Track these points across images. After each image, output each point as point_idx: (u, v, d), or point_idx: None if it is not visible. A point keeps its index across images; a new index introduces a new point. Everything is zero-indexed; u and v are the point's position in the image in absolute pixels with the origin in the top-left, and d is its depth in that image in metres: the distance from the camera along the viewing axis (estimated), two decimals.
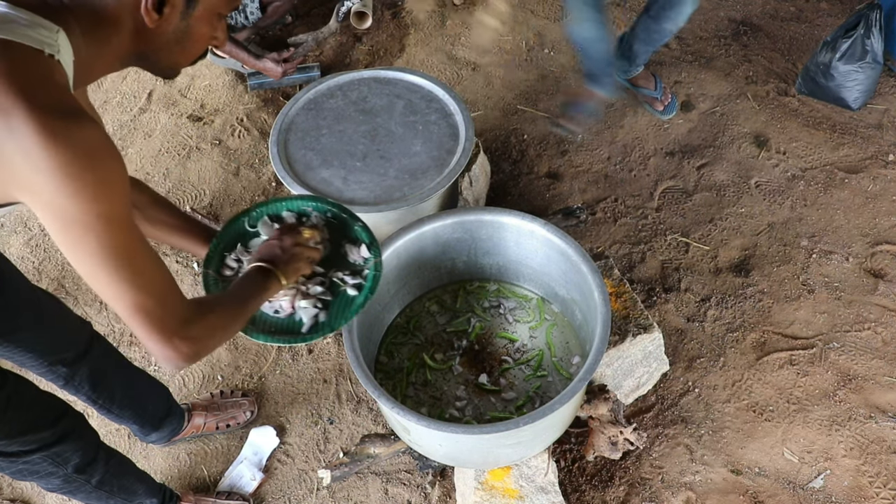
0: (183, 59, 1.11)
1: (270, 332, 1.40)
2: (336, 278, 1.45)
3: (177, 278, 2.46)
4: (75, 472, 1.57)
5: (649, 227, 2.53)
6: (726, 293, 2.35)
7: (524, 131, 2.82)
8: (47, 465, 1.51)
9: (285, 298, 1.41)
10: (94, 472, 1.62)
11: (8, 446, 1.43)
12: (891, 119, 2.76)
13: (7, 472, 1.51)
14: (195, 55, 1.12)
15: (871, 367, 2.17)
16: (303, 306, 1.42)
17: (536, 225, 1.71)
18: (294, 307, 1.42)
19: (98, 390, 1.76)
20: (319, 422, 2.16)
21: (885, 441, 2.04)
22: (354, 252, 1.49)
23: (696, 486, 1.99)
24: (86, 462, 1.59)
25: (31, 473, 1.52)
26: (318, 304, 1.43)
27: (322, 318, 1.43)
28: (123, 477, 1.74)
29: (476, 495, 1.75)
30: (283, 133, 2.10)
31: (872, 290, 2.33)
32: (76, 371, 1.69)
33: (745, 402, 2.13)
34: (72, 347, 1.67)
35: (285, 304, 1.41)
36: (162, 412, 1.97)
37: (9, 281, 1.47)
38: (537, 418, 1.42)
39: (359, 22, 3.10)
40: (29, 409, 1.45)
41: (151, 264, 1.04)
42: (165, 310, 1.05)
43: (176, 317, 1.06)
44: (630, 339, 1.85)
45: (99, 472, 1.63)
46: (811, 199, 2.56)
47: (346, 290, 1.45)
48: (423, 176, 2.00)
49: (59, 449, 1.51)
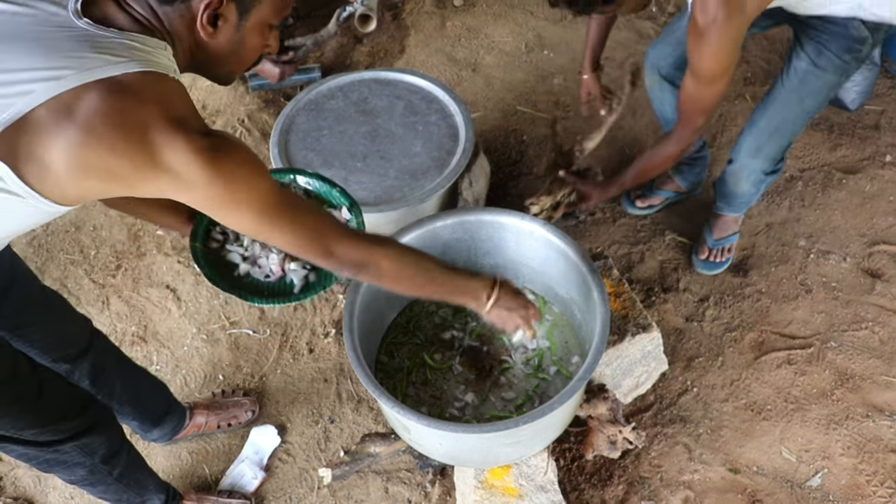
0: (237, 68, 1.19)
1: (264, 296, 1.46)
2: None
3: (177, 278, 2.47)
4: (101, 463, 1.61)
5: (648, 227, 2.54)
6: (724, 293, 2.37)
7: (524, 132, 2.83)
8: (77, 454, 1.54)
9: (275, 262, 1.48)
10: (117, 464, 1.65)
11: (40, 435, 1.46)
12: (888, 120, 2.78)
13: (34, 463, 1.53)
14: (249, 63, 1.19)
15: (869, 366, 2.18)
16: (292, 269, 1.49)
17: (536, 225, 1.72)
18: (284, 270, 1.48)
19: (98, 385, 1.78)
20: (320, 421, 2.18)
21: (882, 440, 2.05)
22: (336, 215, 1.54)
23: (694, 485, 2.00)
24: (111, 453, 1.62)
25: (58, 464, 1.54)
26: (306, 266, 1.50)
27: (312, 279, 1.49)
28: (139, 471, 1.77)
29: (476, 494, 1.76)
30: (283, 134, 2.12)
31: (870, 289, 2.34)
32: (77, 366, 1.71)
33: (744, 402, 2.14)
34: (74, 344, 1.70)
35: (275, 267, 1.48)
36: (162, 409, 1.99)
37: (20, 278, 1.51)
38: (537, 418, 1.43)
39: (363, 25, 3.11)
40: (60, 398, 1.48)
41: (310, 209, 1.21)
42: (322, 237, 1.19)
43: (331, 236, 1.20)
44: (629, 339, 1.86)
45: (122, 464, 1.67)
46: (809, 200, 2.57)
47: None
48: (423, 176, 2.02)
49: (88, 439, 1.54)
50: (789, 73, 1.89)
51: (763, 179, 2.17)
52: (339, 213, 1.54)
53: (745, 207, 2.31)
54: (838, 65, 1.79)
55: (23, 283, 1.53)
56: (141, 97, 0.97)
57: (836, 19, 1.72)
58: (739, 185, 2.20)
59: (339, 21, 2.99)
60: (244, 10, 1.08)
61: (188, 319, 2.39)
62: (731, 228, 2.36)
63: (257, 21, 1.11)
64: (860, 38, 1.74)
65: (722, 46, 1.57)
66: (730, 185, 2.22)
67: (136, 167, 0.98)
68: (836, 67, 1.80)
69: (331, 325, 2.34)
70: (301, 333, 2.35)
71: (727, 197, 2.27)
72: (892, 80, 2.89)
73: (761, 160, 2.09)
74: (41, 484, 2.09)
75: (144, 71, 0.98)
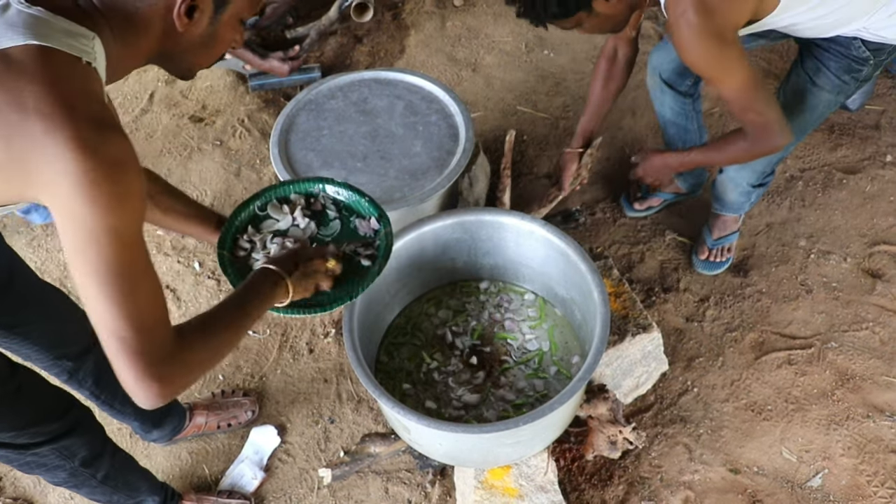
0: (204, 61, 1.15)
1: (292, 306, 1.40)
2: (349, 251, 1.48)
3: (177, 278, 2.47)
4: (82, 466, 1.59)
5: (648, 227, 2.54)
6: (725, 293, 2.36)
7: (524, 132, 2.83)
8: (55, 457, 1.52)
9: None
10: (100, 467, 1.63)
11: (17, 437, 1.45)
12: (888, 120, 2.77)
13: (15, 465, 1.52)
14: (215, 57, 1.16)
15: (869, 366, 2.18)
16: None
17: (536, 225, 1.72)
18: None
19: (101, 385, 1.77)
20: (320, 421, 2.17)
21: (882, 440, 2.05)
22: (364, 225, 1.52)
23: (694, 485, 2.00)
24: (92, 456, 1.60)
25: (38, 466, 1.53)
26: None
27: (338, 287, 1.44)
28: (128, 473, 1.76)
29: (476, 494, 1.76)
30: (283, 134, 2.11)
31: (870, 290, 2.34)
32: (81, 365, 1.70)
33: (744, 402, 2.14)
34: (77, 342, 1.68)
35: None
36: (163, 410, 1.98)
37: (19, 275, 1.50)
38: (537, 418, 1.43)
39: (359, 15, 3.10)
40: (39, 400, 1.47)
41: (146, 292, 1.00)
42: (146, 345, 0.99)
43: (155, 354, 1.00)
44: (629, 339, 1.86)
45: (105, 466, 1.65)
46: (809, 200, 2.57)
47: (361, 261, 1.47)
48: (423, 176, 2.02)
49: (67, 442, 1.52)
50: (787, 89, 1.89)
51: (751, 192, 2.19)
52: (368, 223, 1.52)
53: (741, 211, 2.32)
54: (836, 84, 1.78)
55: (21, 280, 1.51)
56: (28, 73, 0.91)
57: (839, 39, 1.72)
58: (728, 195, 2.24)
59: (340, 7, 2.98)
60: (221, 3, 1.07)
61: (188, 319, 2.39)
62: (731, 228, 2.37)
63: (232, 14, 1.10)
64: (861, 59, 1.73)
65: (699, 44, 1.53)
66: (720, 192, 2.27)
67: (9, 147, 0.91)
68: (834, 87, 1.79)
69: (331, 325, 2.34)
70: (301, 333, 2.34)
71: (721, 201, 2.30)
72: (893, 80, 2.89)
73: (748, 173, 2.11)
74: (41, 484, 2.09)
75: (44, 47, 0.93)
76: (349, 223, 1.53)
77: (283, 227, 1.51)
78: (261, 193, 1.55)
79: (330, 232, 1.52)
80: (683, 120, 2.25)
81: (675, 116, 2.24)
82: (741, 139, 1.76)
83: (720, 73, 1.61)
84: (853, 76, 1.76)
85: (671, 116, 2.25)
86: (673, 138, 2.32)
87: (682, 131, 2.28)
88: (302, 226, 1.51)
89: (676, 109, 2.22)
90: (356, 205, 1.54)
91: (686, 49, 1.56)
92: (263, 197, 1.55)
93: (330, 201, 1.56)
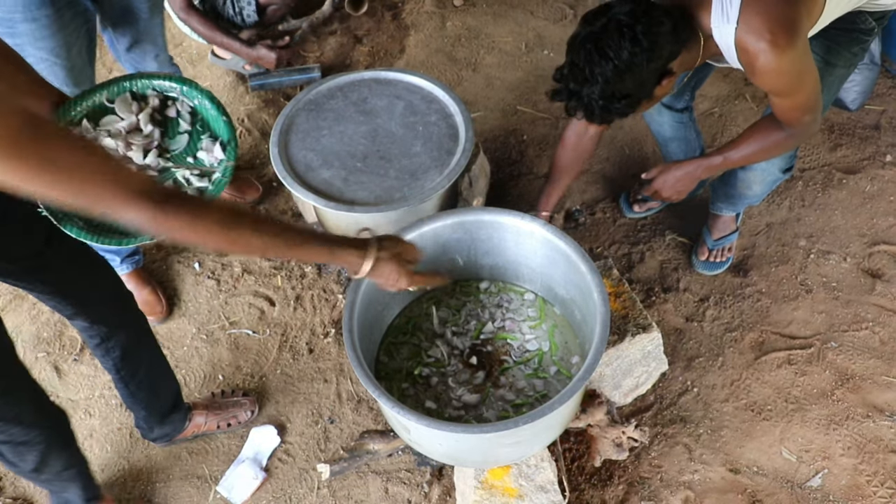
0: None
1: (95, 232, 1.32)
2: (181, 177, 1.36)
3: (177, 278, 2.47)
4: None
5: (648, 227, 2.54)
6: (725, 293, 2.37)
7: (524, 132, 2.83)
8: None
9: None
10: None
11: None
12: (888, 120, 2.78)
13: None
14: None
15: (869, 366, 2.18)
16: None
17: (536, 225, 1.72)
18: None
19: (126, 359, 1.79)
20: (320, 421, 2.17)
21: (882, 440, 2.05)
22: (211, 149, 1.40)
23: (694, 485, 2.00)
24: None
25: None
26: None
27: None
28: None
29: (476, 494, 1.75)
30: (283, 134, 2.11)
31: (870, 289, 2.34)
32: (113, 334, 1.73)
33: (744, 402, 2.14)
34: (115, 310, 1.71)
35: None
36: (169, 406, 1.99)
37: (57, 234, 1.48)
38: (536, 418, 1.43)
39: (354, 8, 3.09)
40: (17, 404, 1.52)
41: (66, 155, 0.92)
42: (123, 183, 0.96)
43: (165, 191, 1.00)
44: (629, 339, 1.86)
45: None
46: (809, 200, 2.57)
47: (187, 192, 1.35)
48: (423, 176, 2.01)
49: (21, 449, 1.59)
50: None
51: (778, 178, 2.15)
52: (214, 148, 1.38)
53: (745, 206, 2.32)
54: (848, 58, 1.82)
55: (61, 239, 1.50)
56: None
57: (845, 16, 1.74)
58: (752, 188, 2.18)
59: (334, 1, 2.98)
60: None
61: (188, 319, 2.39)
62: (730, 227, 2.37)
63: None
64: (868, 30, 1.77)
65: (791, 66, 1.53)
66: (739, 188, 2.20)
67: None
68: (846, 61, 1.83)
69: (331, 325, 2.34)
70: (301, 333, 2.34)
71: (731, 198, 2.27)
72: (893, 79, 2.89)
73: (779, 159, 2.07)
74: None
75: None
76: (197, 142, 1.39)
77: (122, 128, 1.36)
78: (114, 82, 1.39)
79: (174, 147, 1.37)
80: (684, 132, 2.26)
81: (676, 132, 2.26)
82: (775, 131, 1.75)
83: (800, 86, 1.61)
84: (861, 47, 1.80)
85: (671, 133, 2.26)
86: (675, 153, 2.32)
87: (685, 143, 2.29)
88: (146, 132, 1.36)
89: (675, 125, 2.24)
90: (213, 121, 1.41)
91: (778, 74, 1.54)
92: (117, 87, 1.39)
93: (187, 110, 1.42)
